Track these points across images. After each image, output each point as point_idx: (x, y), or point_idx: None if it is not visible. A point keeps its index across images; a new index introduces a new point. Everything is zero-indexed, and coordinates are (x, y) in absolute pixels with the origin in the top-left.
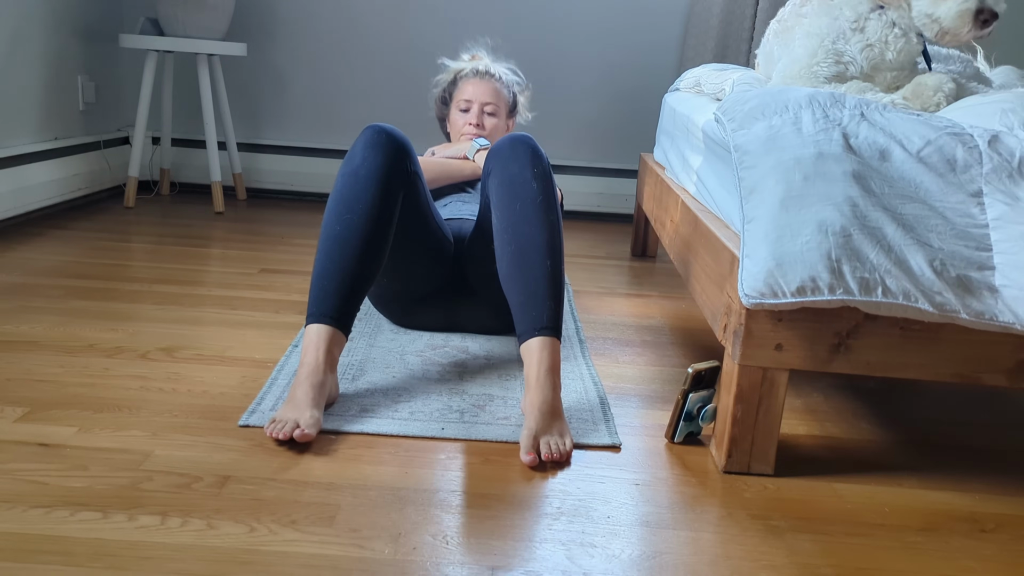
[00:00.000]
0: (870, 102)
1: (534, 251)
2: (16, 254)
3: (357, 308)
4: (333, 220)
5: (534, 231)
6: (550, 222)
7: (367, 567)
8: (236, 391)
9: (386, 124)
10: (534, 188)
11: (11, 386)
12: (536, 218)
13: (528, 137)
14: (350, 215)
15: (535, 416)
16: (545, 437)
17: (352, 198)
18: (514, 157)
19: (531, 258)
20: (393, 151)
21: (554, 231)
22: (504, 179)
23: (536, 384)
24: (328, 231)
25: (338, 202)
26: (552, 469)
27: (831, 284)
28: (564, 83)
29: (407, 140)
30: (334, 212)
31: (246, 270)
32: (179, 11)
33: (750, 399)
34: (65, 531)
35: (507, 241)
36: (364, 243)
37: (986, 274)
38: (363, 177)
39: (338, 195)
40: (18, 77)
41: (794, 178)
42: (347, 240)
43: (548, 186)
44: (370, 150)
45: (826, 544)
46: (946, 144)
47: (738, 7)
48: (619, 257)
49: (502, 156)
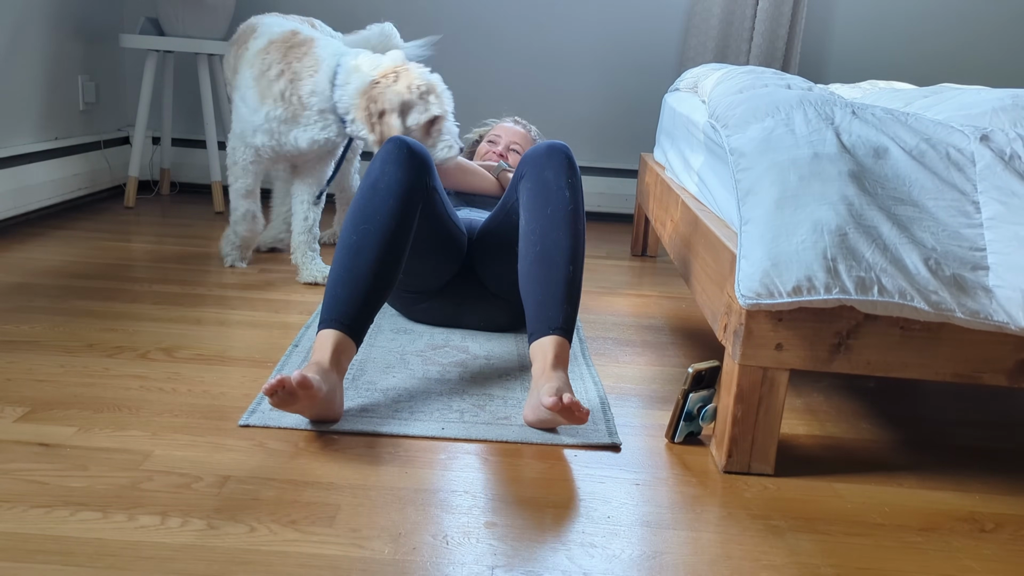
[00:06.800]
0: (860, 101)
1: (559, 254)
2: (16, 254)
3: (370, 319)
4: (350, 230)
5: (561, 236)
6: (577, 230)
7: (367, 567)
8: (236, 391)
9: (407, 137)
10: (566, 196)
11: (11, 386)
12: (565, 224)
13: (564, 146)
14: (367, 226)
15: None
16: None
17: (370, 210)
18: (550, 164)
19: (555, 261)
20: (413, 166)
21: (579, 240)
22: (538, 183)
23: (543, 377)
24: (345, 240)
25: (356, 213)
26: (552, 467)
27: (827, 283)
28: (564, 83)
29: (428, 154)
30: (351, 223)
31: (246, 270)
32: (179, 11)
33: (750, 399)
34: (65, 531)
35: (533, 242)
36: (380, 254)
37: (980, 274)
38: (382, 190)
39: (356, 207)
40: (18, 77)
41: (789, 179)
42: (362, 250)
43: (579, 196)
44: (389, 164)
45: (826, 544)
46: (939, 143)
47: (738, 7)
48: (619, 257)
49: (538, 161)
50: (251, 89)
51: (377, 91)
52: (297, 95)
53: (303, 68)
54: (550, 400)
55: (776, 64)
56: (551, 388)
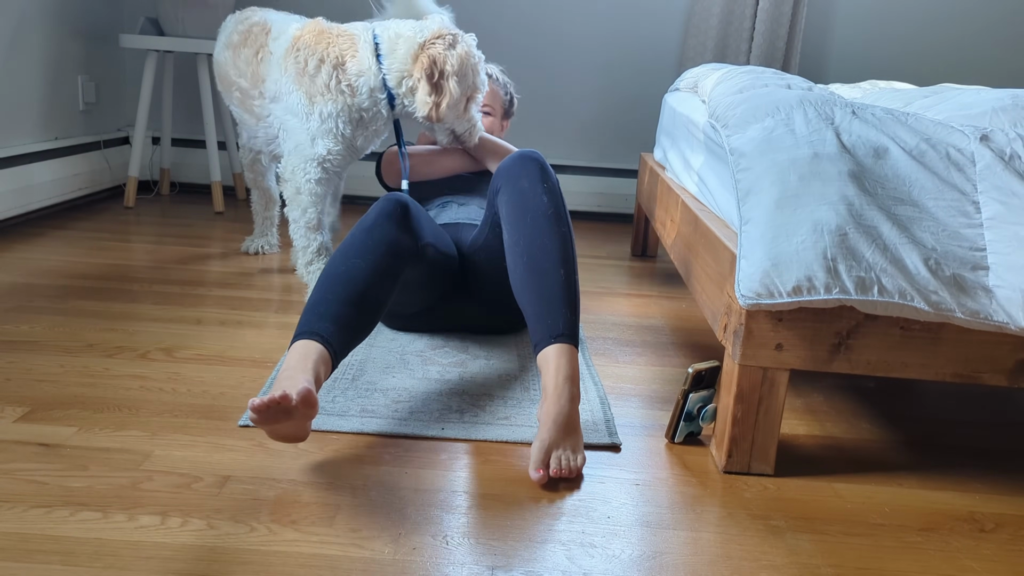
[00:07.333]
0: (860, 101)
1: (547, 261)
2: (16, 254)
3: (349, 347)
4: (339, 261)
5: (546, 241)
6: (562, 233)
7: (367, 567)
8: (236, 391)
9: (402, 196)
10: (544, 201)
11: (11, 386)
12: (548, 229)
13: (536, 153)
14: (357, 260)
15: (549, 427)
16: (557, 452)
17: (362, 247)
18: (524, 173)
19: (544, 267)
20: (407, 227)
21: (566, 242)
22: (514, 194)
23: (554, 393)
24: (331, 270)
25: (347, 247)
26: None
27: (827, 284)
28: (564, 83)
29: (421, 214)
30: (340, 256)
31: (246, 270)
32: (179, 11)
33: (750, 399)
34: (65, 531)
35: (519, 254)
36: (366, 286)
37: (980, 274)
38: (376, 237)
39: (348, 243)
40: (18, 77)
41: (789, 179)
42: (350, 279)
43: (558, 199)
44: (384, 219)
45: (826, 544)
46: (939, 143)
47: (738, 7)
48: (619, 257)
49: (512, 172)
50: (294, 93)
51: (436, 51)
52: (347, 81)
53: (342, 51)
54: (535, 475)
55: (776, 64)
56: (539, 450)
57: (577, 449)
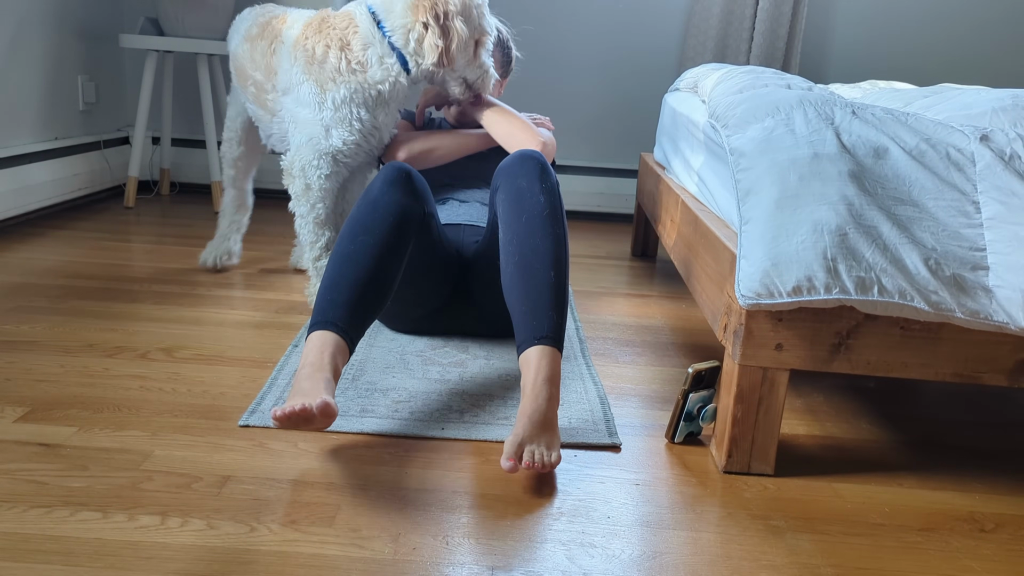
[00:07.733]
0: (860, 101)
1: (538, 262)
2: (16, 254)
3: (363, 329)
4: (347, 240)
5: (539, 242)
6: (556, 235)
7: (367, 567)
8: (236, 391)
9: (408, 165)
10: (541, 201)
11: (11, 386)
12: (542, 230)
13: (537, 153)
14: (365, 236)
15: (523, 423)
16: (531, 446)
17: (369, 223)
18: (522, 172)
19: (534, 269)
20: (411, 191)
21: (560, 244)
22: (511, 193)
23: (531, 392)
24: (340, 249)
25: (353, 225)
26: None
27: (827, 284)
28: (564, 83)
29: (425, 183)
30: (348, 234)
31: (246, 270)
32: (179, 11)
33: (750, 399)
34: (65, 531)
35: (511, 252)
36: (376, 265)
37: (980, 274)
38: (381, 208)
39: (354, 219)
40: (18, 77)
41: (789, 179)
42: (360, 260)
43: (555, 200)
44: (389, 186)
45: (826, 544)
46: (939, 143)
47: (738, 7)
48: (619, 257)
49: (511, 171)
50: (305, 84)
51: None
52: (356, 60)
53: (344, 30)
54: (506, 464)
55: (776, 64)
56: (511, 443)
57: (552, 446)
